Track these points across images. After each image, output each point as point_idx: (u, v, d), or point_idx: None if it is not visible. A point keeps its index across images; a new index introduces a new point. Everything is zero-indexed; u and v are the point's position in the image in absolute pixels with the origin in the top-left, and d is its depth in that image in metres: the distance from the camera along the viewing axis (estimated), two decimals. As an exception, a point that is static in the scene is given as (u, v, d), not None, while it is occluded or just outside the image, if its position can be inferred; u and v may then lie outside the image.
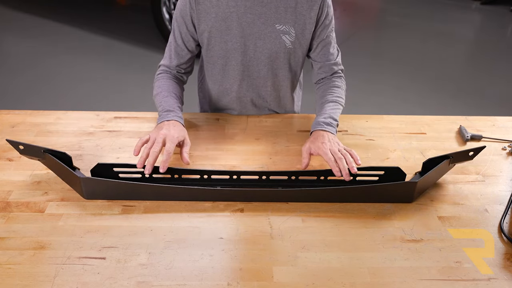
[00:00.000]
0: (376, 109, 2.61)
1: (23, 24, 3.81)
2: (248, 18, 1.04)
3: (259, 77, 1.14)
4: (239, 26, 1.05)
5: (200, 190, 0.86)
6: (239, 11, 1.03)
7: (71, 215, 0.82)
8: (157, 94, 1.08)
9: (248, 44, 1.08)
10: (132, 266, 0.72)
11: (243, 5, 1.03)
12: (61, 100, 2.65)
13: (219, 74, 1.15)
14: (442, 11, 4.64)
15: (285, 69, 1.15)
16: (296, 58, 1.13)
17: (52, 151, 0.86)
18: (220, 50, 1.09)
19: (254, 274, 0.72)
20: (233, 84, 1.16)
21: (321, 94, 1.13)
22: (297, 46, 1.10)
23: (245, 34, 1.06)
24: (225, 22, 1.05)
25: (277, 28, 1.06)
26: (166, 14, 3.13)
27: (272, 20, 1.05)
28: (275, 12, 1.04)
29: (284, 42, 1.08)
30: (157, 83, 1.11)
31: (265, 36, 1.07)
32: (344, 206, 0.87)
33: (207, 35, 1.08)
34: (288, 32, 1.07)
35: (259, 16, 1.04)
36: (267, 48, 1.08)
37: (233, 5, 1.03)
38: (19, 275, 0.70)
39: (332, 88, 1.13)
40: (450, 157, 0.89)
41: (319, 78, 1.17)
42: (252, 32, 1.06)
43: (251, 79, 1.15)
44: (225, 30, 1.06)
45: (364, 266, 0.74)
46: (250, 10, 1.03)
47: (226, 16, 1.04)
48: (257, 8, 1.03)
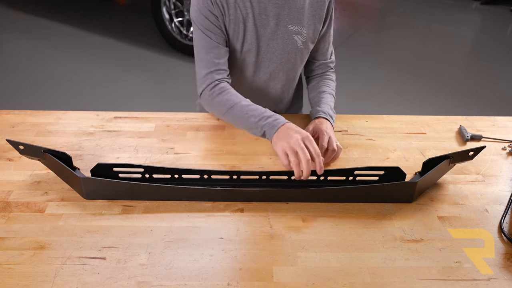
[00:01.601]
0: (376, 109, 2.61)
1: (23, 24, 3.81)
2: (262, 19, 1.05)
3: (270, 78, 1.15)
4: (254, 27, 1.05)
5: (200, 190, 0.86)
6: (255, 12, 1.04)
7: (71, 215, 0.82)
8: (230, 108, 0.98)
9: (261, 45, 1.08)
10: (132, 266, 0.72)
11: (258, 6, 1.03)
12: (61, 100, 2.65)
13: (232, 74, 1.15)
14: (442, 11, 4.63)
15: (295, 68, 1.16)
16: (304, 56, 1.15)
17: (52, 151, 0.86)
18: (236, 52, 1.10)
19: (254, 274, 0.72)
20: (242, 84, 1.16)
21: (316, 84, 1.18)
22: (306, 46, 1.11)
23: (259, 35, 1.07)
24: (243, 24, 1.05)
25: (289, 29, 1.06)
26: (166, 14, 3.13)
27: (285, 21, 1.06)
28: (288, 13, 1.05)
29: (296, 42, 1.08)
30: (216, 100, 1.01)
31: (277, 36, 1.07)
32: (344, 206, 0.87)
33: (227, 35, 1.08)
34: (300, 33, 1.07)
35: (273, 17, 1.05)
36: (280, 49, 1.09)
37: (249, 6, 1.03)
38: (19, 275, 0.70)
39: (328, 81, 1.18)
40: (450, 157, 0.89)
41: (313, 74, 1.21)
42: (266, 33, 1.06)
43: (262, 81, 1.16)
44: (242, 31, 1.06)
45: (364, 266, 0.74)
46: (265, 11, 1.04)
47: (244, 18, 1.04)
48: (271, 9, 1.04)
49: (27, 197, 0.87)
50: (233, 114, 1.00)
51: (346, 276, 0.72)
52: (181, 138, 1.08)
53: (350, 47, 3.57)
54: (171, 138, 1.08)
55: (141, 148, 1.03)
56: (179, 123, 1.14)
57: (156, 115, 1.17)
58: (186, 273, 0.71)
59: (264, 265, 0.73)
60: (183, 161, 0.99)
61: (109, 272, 0.71)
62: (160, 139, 1.07)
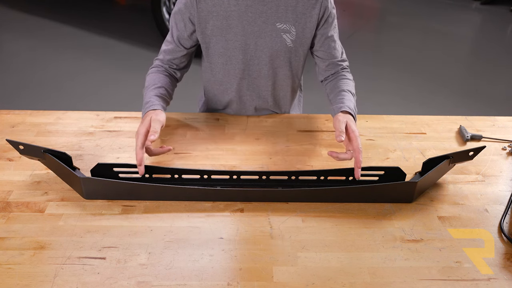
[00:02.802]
0: (376, 109, 2.61)
1: (23, 24, 3.81)
2: (249, 17, 1.04)
3: (259, 76, 1.14)
4: (240, 24, 1.05)
5: (200, 190, 0.86)
6: (240, 10, 1.04)
7: (71, 215, 0.82)
8: (145, 88, 1.08)
9: (249, 42, 1.08)
10: (132, 266, 0.72)
11: (244, 3, 1.03)
12: (61, 100, 2.65)
13: (220, 73, 1.15)
14: (442, 11, 4.63)
15: (286, 68, 1.15)
16: (297, 57, 1.13)
17: (52, 151, 0.86)
18: (221, 48, 1.10)
19: (254, 274, 0.72)
20: (233, 83, 1.16)
21: (334, 86, 1.11)
22: (298, 45, 1.10)
23: (246, 33, 1.06)
24: (226, 21, 1.05)
25: (277, 27, 1.06)
26: (166, 14, 3.13)
27: (273, 19, 1.05)
28: (275, 11, 1.04)
29: (284, 40, 1.08)
30: (147, 77, 1.12)
31: (265, 34, 1.07)
32: (344, 206, 0.87)
33: (209, 33, 1.08)
34: (288, 31, 1.07)
35: (260, 15, 1.04)
36: (268, 47, 1.09)
37: (234, 3, 1.03)
38: (19, 275, 0.70)
39: (345, 80, 1.11)
40: (450, 157, 0.89)
41: (327, 75, 1.16)
42: (253, 30, 1.06)
43: (252, 78, 1.15)
44: (226, 28, 1.06)
45: (364, 266, 0.74)
46: (250, 9, 1.04)
47: (227, 15, 1.04)
48: (257, 7, 1.04)
49: (27, 197, 0.87)
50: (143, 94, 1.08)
51: (346, 276, 0.72)
52: (181, 138, 1.08)
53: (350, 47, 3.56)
54: (171, 138, 1.08)
55: (141, 148, 1.03)
56: (179, 123, 1.14)
57: (156, 115, 1.17)
58: (186, 273, 0.71)
59: (264, 265, 0.73)
60: (183, 161, 0.99)
61: (109, 272, 0.71)
62: (160, 139, 1.07)
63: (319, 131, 1.13)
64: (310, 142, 1.09)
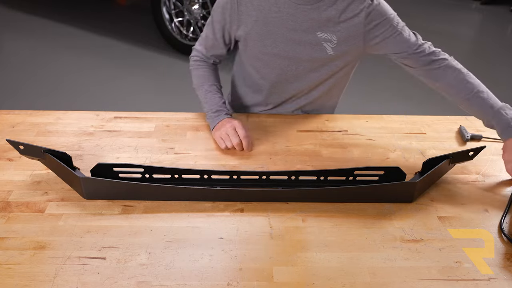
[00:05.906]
0: (376, 109, 2.60)
1: (23, 24, 3.81)
2: (289, 25, 1.04)
3: (295, 81, 1.15)
4: (280, 32, 1.05)
5: (200, 190, 0.86)
6: (282, 17, 1.04)
7: (71, 215, 0.82)
8: (199, 87, 1.14)
9: (287, 49, 1.08)
10: (132, 266, 0.72)
11: (286, 12, 1.03)
12: (61, 100, 2.65)
13: (255, 74, 1.16)
14: (442, 11, 4.63)
15: (325, 74, 1.13)
16: (340, 64, 1.11)
17: (52, 151, 0.86)
18: (258, 53, 1.10)
19: (254, 274, 0.72)
20: (265, 85, 1.17)
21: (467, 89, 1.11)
22: (340, 53, 1.08)
23: (285, 40, 1.06)
24: (266, 27, 1.05)
25: (318, 36, 1.05)
26: (166, 14, 3.12)
27: (314, 28, 1.04)
28: (317, 21, 1.04)
29: (325, 48, 1.07)
30: (195, 72, 1.16)
31: (305, 42, 1.06)
32: (344, 206, 0.87)
33: (245, 37, 1.08)
34: (330, 40, 1.06)
35: (301, 24, 1.04)
36: (307, 54, 1.08)
37: (276, 10, 1.03)
38: (19, 275, 0.70)
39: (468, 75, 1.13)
40: (450, 157, 0.89)
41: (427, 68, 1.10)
42: (293, 38, 1.06)
43: (288, 83, 1.16)
44: (265, 34, 1.06)
45: (364, 266, 0.74)
46: (292, 18, 1.03)
47: (267, 21, 1.04)
48: (299, 16, 1.03)
49: (27, 197, 0.87)
50: (198, 93, 1.16)
51: (346, 276, 0.72)
52: (181, 138, 1.08)
53: (350, 47, 3.56)
54: (171, 138, 1.08)
55: (141, 148, 1.03)
56: (179, 123, 1.14)
57: (156, 115, 1.17)
58: (186, 273, 0.71)
59: (264, 265, 0.73)
60: (183, 161, 0.99)
61: (109, 272, 0.71)
62: (160, 139, 1.07)
63: (319, 131, 1.13)
64: (310, 142, 1.09)
